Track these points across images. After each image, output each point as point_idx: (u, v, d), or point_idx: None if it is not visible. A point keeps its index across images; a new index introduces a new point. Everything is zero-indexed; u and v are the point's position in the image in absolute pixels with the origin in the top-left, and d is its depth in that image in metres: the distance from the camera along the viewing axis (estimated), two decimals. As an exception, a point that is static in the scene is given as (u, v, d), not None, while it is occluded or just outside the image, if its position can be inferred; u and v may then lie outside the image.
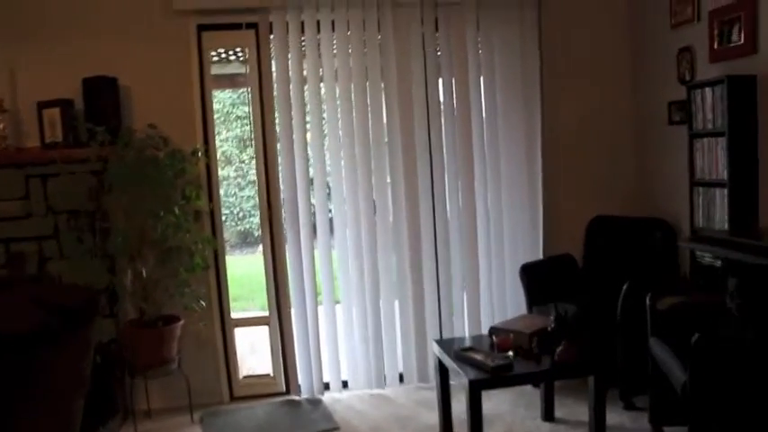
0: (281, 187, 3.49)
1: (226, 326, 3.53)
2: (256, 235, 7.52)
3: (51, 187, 3.25)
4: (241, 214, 8.58)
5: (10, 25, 3.28)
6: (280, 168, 3.49)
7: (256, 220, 6.86)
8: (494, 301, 3.69)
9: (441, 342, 2.98)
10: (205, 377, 3.44)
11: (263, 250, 3.59)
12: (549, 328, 2.71)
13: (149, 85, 3.36)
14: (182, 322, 3.20)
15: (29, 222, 3.26)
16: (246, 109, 6.90)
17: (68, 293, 2.15)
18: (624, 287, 2.98)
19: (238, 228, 8.62)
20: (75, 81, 3.26)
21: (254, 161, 3.67)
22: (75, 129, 3.24)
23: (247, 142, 7.64)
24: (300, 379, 3.55)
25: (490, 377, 2.48)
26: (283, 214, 3.50)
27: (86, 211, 3.22)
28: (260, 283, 3.80)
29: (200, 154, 3.28)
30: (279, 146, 3.47)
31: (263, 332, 3.71)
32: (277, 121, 3.45)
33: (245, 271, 6.69)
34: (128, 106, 3.36)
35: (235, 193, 8.52)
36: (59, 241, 3.26)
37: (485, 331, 3.57)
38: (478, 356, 2.61)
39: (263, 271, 3.59)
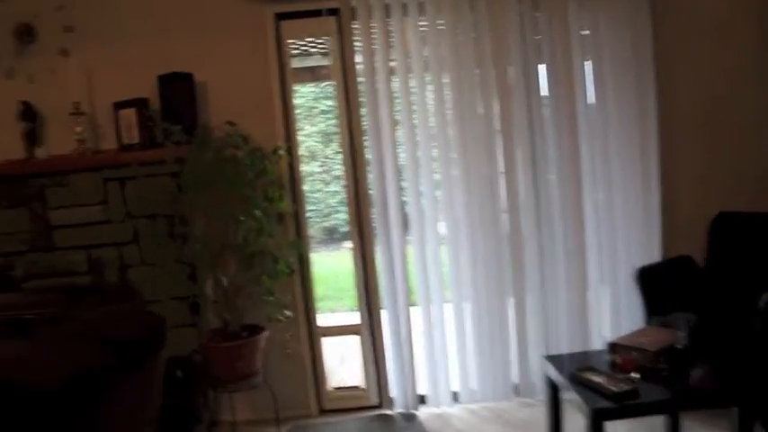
0: (369, 182, 3.35)
1: (313, 335, 3.44)
2: (342, 231, 7.48)
3: (129, 191, 3.23)
4: (327, 210, 8.57)
5: (86, 28, 3.27)
6: (368, 162, 3.34)
7: (343, 216, 6.79)
8: (604, 307, 3.43)
9: (552, 358, 2.76)
10: (292, 389, 3.36)
11: (354, 248, 3.46)
12: (680, 345, 2.44)
13: (226, 80, 3.28)
14: (266, 333, 3.11)
15: (108, 228, 3.25)
16: (330, 103, 6.80)
17: (130, 323, 1.99)
18: (765, 297, 2.67)
19: (324, 224, 8.62)
20: (151, 79, 3.21)
21: (339, 156, 3.55)
22: (151, 129, 3.20)
23: (332, 137, 7.56)
24: (393, 391, 3.43)
25: (615, 406, 2.24)
26: (372, 210, 3.36)
27: (165, 216, 3.18)
28: (348, 281, 3.70)
29: (281, 152, 3.17)
30: (366, 139, 3.33)
31: (353, 341, 3.60)
32: (364, 113, 3.30)
33: (331, 269, 6.61)
34: (204, 103, 3.29)
35: (320, 189, 8.51)
36: (140, 247, 3.25)
37: (594, 342, 3.35)
38: (598, 379, 2.38)
39: (351, 269, 3.48)
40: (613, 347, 2.60)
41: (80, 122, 3.24)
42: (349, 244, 3.56)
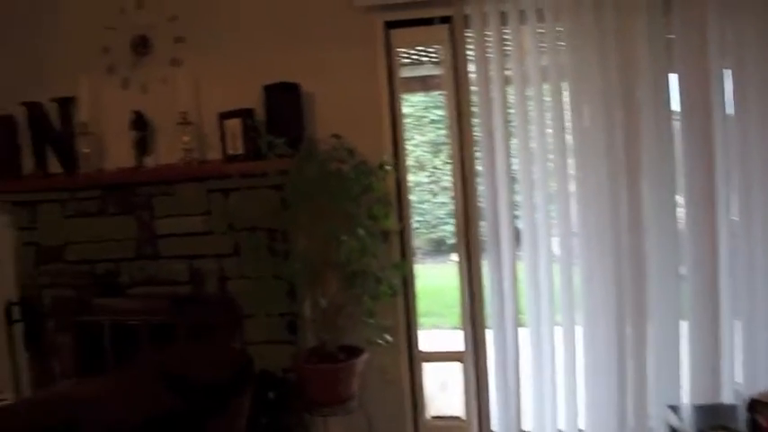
0: (480, 194, 3.20)
1: (413, 360, 3.32)
2: (449, 243, 7.38)
3: (232, 203, 3.25)
4: (434, 222, 8.50)
5: (196, 39, 3.34)
6: (478, 174, 3.20)
7: (450, 227, 6.65)
8: (737, 346, 3.09)
9: (676, 408, 2.49)
10: (388, 414, 3.25)
11: (460, 262, 3.31)
12: None
13: (334, 90, 3.23)
14: (365, 356, 3.02)
15: (210, 239, 3.29)
16: (440, 112, 6.70)
17: (216, 365, 1.90)
18: None
19: (431, 236, 8.55)
20: (257, 89, 3.21)
21: (448, 166, 3.43)
22: (256, 140, 3.19)
23: (441, 147, 7.48)
24: (496, 425, 3.25)
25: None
26: (482, 223, 3.21)
27: (266, 230, 3.16)
28: (452, 297, 3.55)
29: (388, 167, 3.08)
30: (477, 150, 3.18)
31: (455, 368, 3.46)
32: (475, 123, 3.15)
33: (436, 283, 6.50)
34: (311, 114, 3.26)
35: (428, 200, 8.45)
36: (239, 260, 3.26)
37: (725, 389, 3.02)
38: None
39: (456, 284, 3.34)
40: (754, 405, 2.30)
41: (187, 132, 3.29)
42: (456, 257, 3.41)
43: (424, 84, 5.22)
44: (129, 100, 3.46)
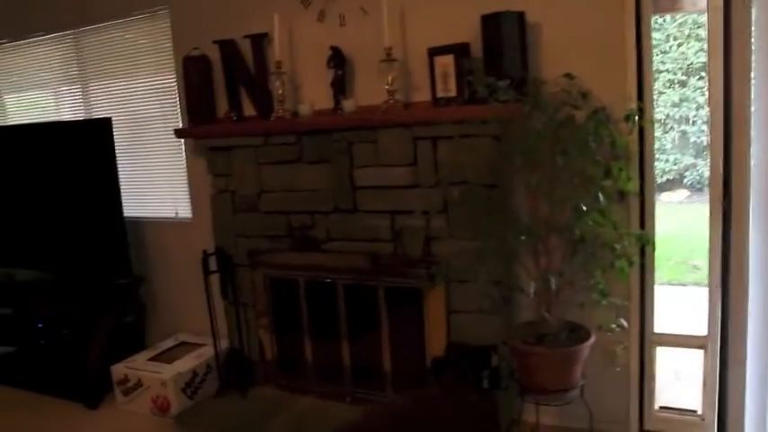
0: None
1: (645, 343, 3.01)
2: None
3: (442, 153, 3.06)
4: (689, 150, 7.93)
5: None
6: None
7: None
8: None
9: None
10: (611, 400, 3.00)
11: (711, 206, 2.80)
12: None
13: (564, 19, 2.86)
14: (592, 340, 2.76)
15: (416, 193, 3.14)
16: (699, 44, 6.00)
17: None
18: None
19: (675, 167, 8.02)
20: (473, 20, 2.93)
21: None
22: (471, 81, 2.94)
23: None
24: (747, 427, 2.88)
25: None
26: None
27: (482, 186, 2.95)
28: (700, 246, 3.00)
29: (636, 119, 2.70)
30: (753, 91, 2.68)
31: (696, 355, 3.10)
32: (754, 59, 2.66)
33: (679, 226, 5.98)
34: (536, 50, 2.94)
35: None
36: (448, 218, 3.09)
37: None
38: None
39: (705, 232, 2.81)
40: None
41: (391, 71, 3.12)
42: (705, 196, 2.92)
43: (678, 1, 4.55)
44: (325, 35, 3.35)
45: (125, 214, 4.27)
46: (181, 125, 3.97)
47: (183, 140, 4.00)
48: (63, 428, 3.67)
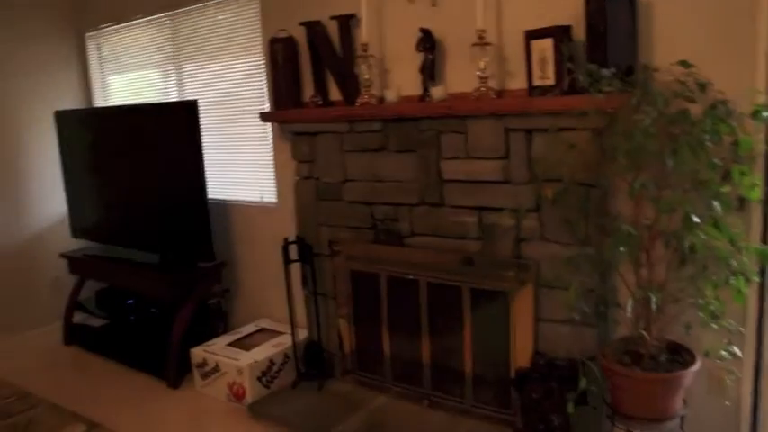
0: None
1: (761, 376, 2.66)
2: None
3: (536, 147, 2.82)
4: None
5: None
6: None
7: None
8: None
9: None
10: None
11: None
12: None
13: (682, -1, 2.55)
14: (697, 366, 2.46)
15: (506, 190, 2.92)
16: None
17: None
18: None
19: None
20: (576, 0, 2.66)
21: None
22: (571, 68, 2.67)
23: None
24: None
25: None
26: None
27: (579, 185, 2.69)
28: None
29: (765, 114, 2.35)
30: None
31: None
32: None
33: None
34: (647, 34, 2.63)
35: None
36: (541, 219, 2.85)
37: None
38: None
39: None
40: None
41: (484, 56, 2.89)
42: None
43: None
44: (415, 16, 3.16)
45: (213, 196, 4.29)
46: (267, 109, 3.89)
47: (269, 125, 3.93)
48: (143, 403, 3.73)
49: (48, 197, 4.99)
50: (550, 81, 2.74)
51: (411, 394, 3.43)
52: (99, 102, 5.24)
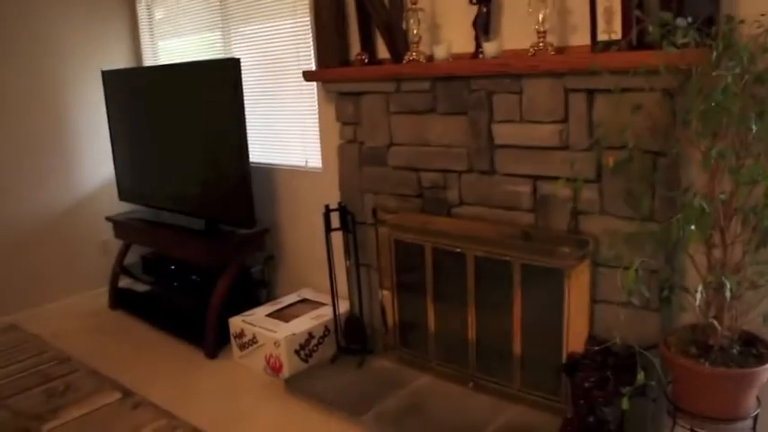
0: None
1: None
2: None
3: (599, 109, 2.54)
4: None
5: None
6: None
7: None
8: None
9: None
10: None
11: None
12: None
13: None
14: (775, 362, 2.18)
15: (564, 156, 2.66)
16: None
17: None
18: None
19: None
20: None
21: None
22: (643, 21, 2.38)
23: None
24: None
25: None
26: None
27: (646, 152, 2.41)
28: None
29: None
30: None
31: None
32: None
33: None
34: (732, -20, 2.32)
35: None
36: (602, 190, 2.59)
37: None
38: None
39: None
40: None
41: (543, 7, 2.62)
42: None
43: None
44: (471, -36, 2.90)
45: (258, 161, 4.16)
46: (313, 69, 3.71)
47: (315, 86, 3.75)
48: (180, 373, 3.67)
49: (97, 158, 4.96)
50: (617, 35, 2.45)
51: (455, 375, 3.24)
52: (149, 63, 5.17)
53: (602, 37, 2.50)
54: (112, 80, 4.65)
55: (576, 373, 2.58)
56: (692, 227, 2.12)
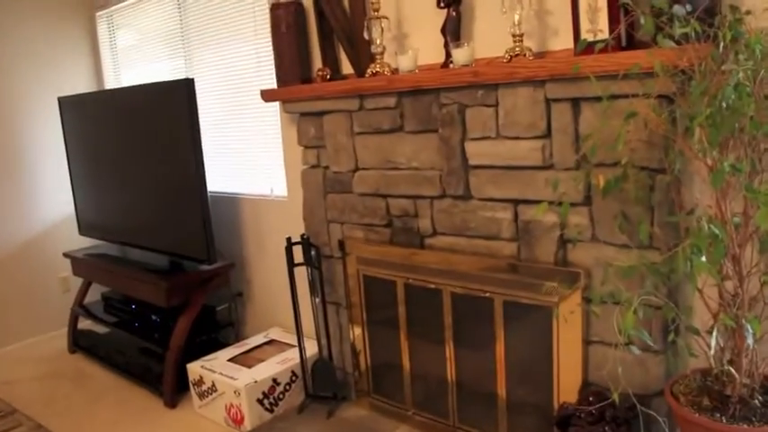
0: None
1: None
2: None
3: (585, 120, 2.16)
4: None
5: None
6: None
7: None
8: None
9: None
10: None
11: None
12: None
13: None
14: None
15: (548, 177, 2.27)
16: None
17: None
18: None
19: None
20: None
21: None
22: (630, 8, 2.01)
23: None
24: None
25: None
26: None
27: (642, 168, 2.03)
28: None
29: None
30: None
31: None
32: None
33: None
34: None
35: None
36: (592, 214, 2.19)
37: None
38: None
39: None
40: None
41: (519, 8, 2.26)
42: None
43: None
44: (437, -36, 2.54)
45: (222, 189, 3.79)
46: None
47: (278, 107, 3.38)
48: (135, 425, 3.24)
49: (57, 189, 4.57)
50: (603, 34, 2.08)
51: (434, 426, 2.82)
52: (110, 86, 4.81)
53: (587, 37, 2.13)
54: (69, 107, 4.28)
55: (569, 428, 2.17)
56: (703, 257, 1.72)
